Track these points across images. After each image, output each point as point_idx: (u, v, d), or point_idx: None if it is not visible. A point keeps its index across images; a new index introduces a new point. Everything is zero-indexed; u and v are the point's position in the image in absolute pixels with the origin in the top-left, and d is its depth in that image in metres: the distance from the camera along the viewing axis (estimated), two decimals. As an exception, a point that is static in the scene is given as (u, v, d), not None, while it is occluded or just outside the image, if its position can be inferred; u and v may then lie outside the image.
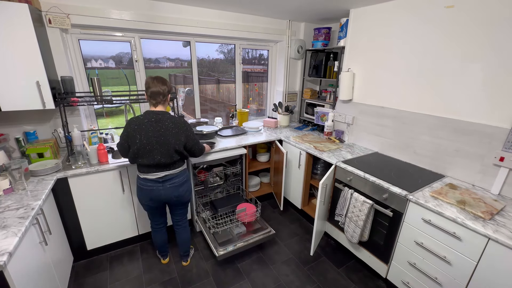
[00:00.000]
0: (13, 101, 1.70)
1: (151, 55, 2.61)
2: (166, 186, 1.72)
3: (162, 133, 1.61)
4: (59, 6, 1.91)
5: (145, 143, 1.59)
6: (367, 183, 1.90)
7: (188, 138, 1.70)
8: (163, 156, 1.63)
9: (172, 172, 1.72)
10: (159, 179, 1.69)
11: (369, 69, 2.38)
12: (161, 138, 1.60)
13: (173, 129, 1.63)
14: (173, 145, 1.64)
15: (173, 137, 1.63)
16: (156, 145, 1.60)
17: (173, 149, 1.64)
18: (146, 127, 1.59)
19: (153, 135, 1.59)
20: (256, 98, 3.65)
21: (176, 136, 1.64)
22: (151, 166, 1.65)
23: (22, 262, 1.20)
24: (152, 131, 1.59)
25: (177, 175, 1.75)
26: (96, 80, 2.04)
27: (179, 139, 1.66)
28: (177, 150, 1.66)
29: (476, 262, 1.36)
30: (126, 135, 1.61)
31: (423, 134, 2.03)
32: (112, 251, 2.24)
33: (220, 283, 1.95)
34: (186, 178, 1.82)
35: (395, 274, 1.82)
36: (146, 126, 1.59)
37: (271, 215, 2.84)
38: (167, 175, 1.70)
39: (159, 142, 1.61)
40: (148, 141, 1.59)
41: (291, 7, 2.43)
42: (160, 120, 1.61)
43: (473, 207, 1.46)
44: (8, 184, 1.53)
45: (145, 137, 1.59)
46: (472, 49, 1.70)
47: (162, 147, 1.61)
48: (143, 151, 1.60)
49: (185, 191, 1.82)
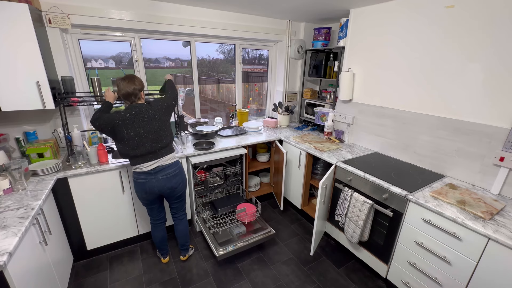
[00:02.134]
0: (13, 101, 1.70)
1: (151, 55, 2.61)
2: (158, 178, 1.73)
3: (146, 122, 1.67)
4: (59, 6, 1.91)
5: (132, 135, 1.64)
6: (367, 183, 1.90)
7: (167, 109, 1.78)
8: (154, 142, 1.69)
9: (163, 161, 1.73)
10: (151, 171, 1.72)
11: (369, 69, 2.38)
12: (147, 126, 1.67)
13: (155, 114, 1.70)
14: (159, 127, 1.71)
15: (157, 121, 1.70)
16: (144, 134, 1.66)
17: (159, 130, 1.70)
18: (129, 121, 1.63)
19: (138, 126, 1.65)
20: (256, 98, 3.65)
21: (159, 119, 1.71)
22: (144, 155, 1.69)
23: (22, 262, 1.20)
24: (136, 123, 1.64)
25: (169, 166, 1.76)
26: (96, 80, 2.04)
27: (162, 119, 1.73)
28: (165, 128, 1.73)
29: (476, 262, 1.36)
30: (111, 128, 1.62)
31: (423, 134, 2.03)
32: (112, 251, 2.24)
33: (220, 283, 1.95)
34: (179, 170, 1.83)
35: (395, 274, 1.82)
36: (130, 119, 1.63)
37: (271, 215, 2.84)
38: (158, 166, 1.72)
39: (147, 131, 1.66)
40: (135, 133, 1.64)
41: (291, 7, 2.43)
42: (139, 111, 1.66)
43: (473, 207, 1.46)
44: (8, 184, 1.53)
45: (131, 129, 1.63)
46: (472, 49, 1.70)
47: (151, 134, 1.67)
48: (132, 143, 1.64)
49: (178, 183, 1.82)
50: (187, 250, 2.14)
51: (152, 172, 1.72)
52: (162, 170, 1.74)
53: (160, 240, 2.03)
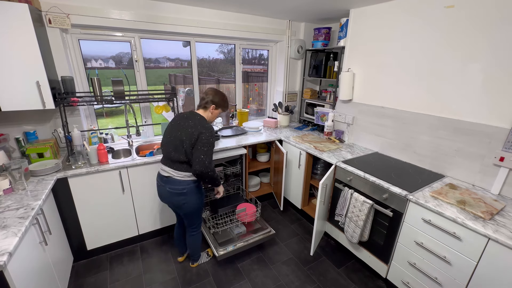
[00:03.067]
0: (13, 101, 1.70)
1: (151, 55, 2.61)
2: (166, 188, 1.73)
3: (180, 128, 1.67)
4: (59, 6, 1.91)
5: (166, 135, 1.73)
6: (367, 183, 1.90)
7: (200, 141, 1.61)
8: (174, 150, 1.67)
9: (174, 174, 1.69)
10: (164, 177, 1.73)
11: (369, 69, 2.38)
12: (178, 132, 1.67)
13: (192, 127, 1.64)
14: (184, 141, 1.63)
15: (186, 134, 1.63)
16: (172, 138, 1.68)
17: (182, 144, 1.64)
18: (174, 122, 1.73)
19: (174, 129, 1.70)
20: (256, 98, 3.65)
21: (189, 135, 1.62)
22: (165, 158, 1.75)
23: (22, 262, 1.20)
24: (175, 125, 1.71)
25: (178, 182, 1.69)
26: (96, 80, 2.04)
27: (191, 138, 1.61)
28: (184, 146, 1.63)
29: (476, 262, 1.36)
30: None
31: (423, 134, 2.03)
32: (112, 251, 2.24)
33: (220, 283, 1.95)
34: (187, 191, 1.71)
35: (395, 274, 1.82)
36: (175, 121, 1.74)
37: (271, 215, 2.84)
38: (170, 176, 1.71)
39: (175, 136, 1.67)
40: (169, 134, 1.72)
41: (291, 7, 2.43)
42: (186, 118, 1.71)
43: (473, 207, 1.46)
44: (8, 184, 1.53)
45: (169, 130, 1.73)
46: (472, 49, 1.70)
47: (176, 140, 1.66)
48: (163, 142, 1.75)
49: (182, 203, 1.73)
50: (195, 260, 2.09)
51: (164, 180, 1.73)
52: (171, 183, 1.71)
53: (176, 238, 2.09)
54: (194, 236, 1.95)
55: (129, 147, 2.38)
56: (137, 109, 2.67)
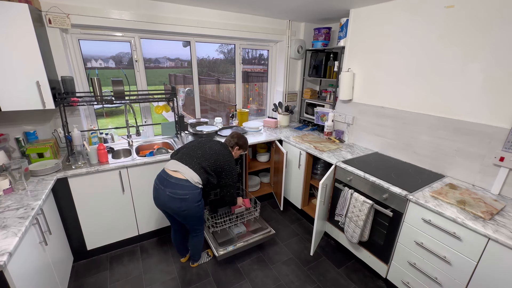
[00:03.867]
0: (13, 101, 1.70)
1: (151, 55, 2.61)
2: (165, 192, 1.66)
3: (217, 148, 1.88)
4: (59, 6, 1.91)
5: (199, 140, 1.93)
6: (367, 183, 1.90)
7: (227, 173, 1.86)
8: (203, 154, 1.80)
9: (185, 171, 1.68)
10: (165, 179, 1.68)
11: (369, 69, 2.38)
12: (214, 146, 1.89)
13: (226, 155, 1.88)
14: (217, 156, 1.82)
15: (222, 156, 1.85)
16: (207, 147, 1.86)
17: (214, 156, 1.81)
18: (210, 140, 1.97)
19: (211, 142, 1.92)
20: (256, 98, 3.65)
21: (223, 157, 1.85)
22: (183, 154, 1.80)
23: (22, 262, 1.20)
24: (212, 142, 1.93)
25: (181, 186, 1.65)
26: (96, 80, 2.04)
27: (222, 160, 1.84)
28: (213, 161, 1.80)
29: (476, 262, 1.36)
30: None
31: (423, 134, 2.03)
32: (112, 251, 2.24)
33: (220, 283, 1.95)
34: (190, 197, 1.66)
35: (395, 274, 1.82)
36: (211, 140, 1.99)
37: (271, 215, 2.84)
38: (177, 172, 1.68)
39: (211, 147, 1.86)
40: (202, 143, 1.91)
41: (291, 7, 2.43)
42: (223, 145, 1.95)
43: (473, 207, 1.46)
44: (8, 184, 1.53)
45: (203, 141, 1.94)
46: (472, 49, 1.70)
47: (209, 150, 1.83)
48: (191, 143, 1.91)
49: (182, 210, 1.67)
50: (196, 261, 2.09)
51: (165, 183, 1.67)
52: (173, 186, 1.65)
53: (175, 244, 2.07)
54: (197, 237, 1.94)
55: (129, 147, 2.38)
56: (137, 109, 2.67)
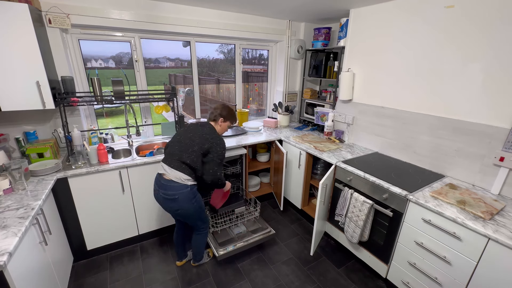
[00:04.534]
0: (13, 101, 1.70)
1: (151, 55, 2.61)
2: (160, 193, 1.71)
3: (193, 131, 1.77)
4: (59, 6, 1.91)
5: (176, 135, 1.83)
6: (367, 183, 1.90)
7: (211, 150, 1.72)
8: (180, 150, 1.71)
9: (170, 173, 1.67)
10: (159, 181, 1.72)
11: (369, 69, 2.38)
12: (189, 134, 1.76)
13: (206, 134, 1.75)
14: (195, 143, 1.71)
15: (200, 138, 1.73)
16: (182, 137, 1.76)
17: (192, 146, 1.70)
18: (188, 127, 1.84)
19: (187, 131, 1.79)
20: (256, 98, 3.65)
21: (202, 139, 1.72)
22: (167, 155, 1.76)
23: (22, 262, 1.20)
24: (189, 129, 1.80)
25: (170, 187, 1.66)
26: (96, 80, 2.04)
27: (203, 143, 1.71)
28: (195, 149, 1.69)
29: (476, 262, 1.36)
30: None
31: (423, 134, 2.03)
32: (112, 251, 2.24)
33: (220, 283, 1.95)
34: (179, 197, 1.67)
35: (395, 274, 1.82)
36: (188, 126, 1.84)
37: (271, 215, 2.84)
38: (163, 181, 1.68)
39: (186, 136, 1.75)
40: (179, 134, 1.81)
41: (291, 7, 2.43)
42: (201, 125, 1.82)
43: (473, 207, 1.46)
44: (8, 184, 1.53)
45: (181, 132, 1.83)
46: (472, 49, 1.70)
47: (186, 140, 1.73)
48: (171, 141, 1.81)
49: (175, 209, 1.72)
50: (196, 260, 2.08)
51: (159, 184, 1.71)
52: (164, 187, 1.68)
53: (175, 243, 2.04)
54: (200, 235, 1.94)
55: (129, 147, 2.38)
56: (137, 109, 2.67)
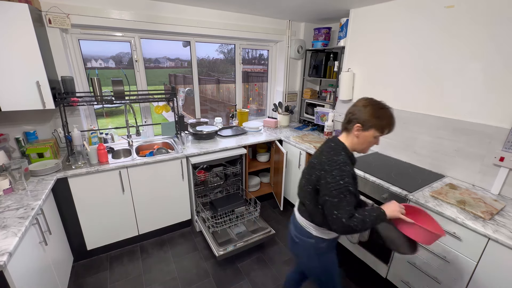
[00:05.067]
0: (13, 101, 1.70)
1: (151, 55, 2.61)
2: (290, 228, 1.39)
3: (315, 156, 1.25)
4: (59, 6, 1.91)
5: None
6: (367, 183, 1.90)
7: (320, 183, 1.10)
8: (301, 182, 1.29)
9: (296, 212, 1.34)
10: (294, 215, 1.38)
11: (369, 69, 2.38)
12: (312, 158, 1.26)
13: (315, 158, 1.21)
14: (304, 176, 1.26)
15: (308, 167, 1.24)
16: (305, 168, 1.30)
17: (303, 179, 1.26)
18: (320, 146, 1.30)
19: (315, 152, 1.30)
20: (256, 98, 3.65)
21: (309, 167, 1.22)
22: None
23: (22, 262, 1.20)
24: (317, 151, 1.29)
25: (298, 228, 1.29)
26: (96, 80, 2.04)
27: (310, 173, 1.19)
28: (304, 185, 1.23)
29: (476, 262, 1.36)
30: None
31: (423, 134, 2.03)
32: (112, 251, 2.24)
33: (220, 283, 1.95)
34: (299, 241, 1.29)
35: (395, 274, 1.82)
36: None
37: (271, 215, 2.84)
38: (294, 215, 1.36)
39: (309, 163, 1.27)
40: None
41: (291, 7, 2.43)
42: (326, 141, 1.25)
43: (473, 207, 1.46)
44: (8, 184, 1.53)
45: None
46: (472, 49, 1.70)
47: (305, 169, 1.28)
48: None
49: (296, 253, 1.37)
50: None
51: (292, 217, 1.39)
52: (292, 223, 1.36)
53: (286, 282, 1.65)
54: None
55: (129, 147, 2.38)
56: (137, 109, 2.67)
